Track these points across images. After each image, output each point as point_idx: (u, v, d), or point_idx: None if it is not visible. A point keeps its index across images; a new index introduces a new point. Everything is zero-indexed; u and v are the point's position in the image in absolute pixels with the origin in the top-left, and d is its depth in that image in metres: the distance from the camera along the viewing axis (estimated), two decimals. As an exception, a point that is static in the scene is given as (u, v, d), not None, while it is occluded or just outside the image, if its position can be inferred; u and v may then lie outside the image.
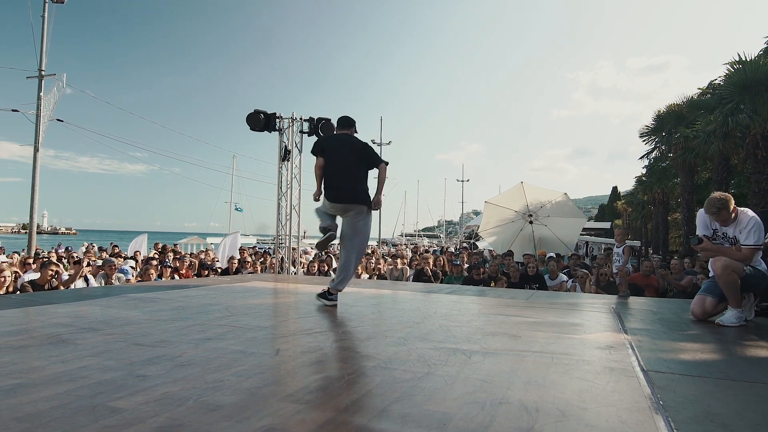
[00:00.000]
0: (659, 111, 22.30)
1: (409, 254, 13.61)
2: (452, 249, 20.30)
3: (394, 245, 37.04)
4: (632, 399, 1.95)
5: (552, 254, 10.03)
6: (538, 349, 2.81)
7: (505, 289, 6.73)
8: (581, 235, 16.73)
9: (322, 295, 4.46)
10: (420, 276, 8.07)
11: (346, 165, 4.38)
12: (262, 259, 10.69)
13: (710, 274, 4.23)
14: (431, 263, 8.52)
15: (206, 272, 8.83)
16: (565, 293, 6.65)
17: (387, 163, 4.44)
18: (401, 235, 55.36)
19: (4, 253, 13.04)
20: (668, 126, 21.61)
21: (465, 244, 32.25)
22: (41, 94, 14.75)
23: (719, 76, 16.67)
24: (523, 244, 12.03)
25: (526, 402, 1.87)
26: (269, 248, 17.90)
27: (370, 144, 4.69)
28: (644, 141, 23.24)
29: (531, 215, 12.41)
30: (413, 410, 1.76)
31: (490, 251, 13.28)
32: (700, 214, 4.14)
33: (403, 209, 54.78)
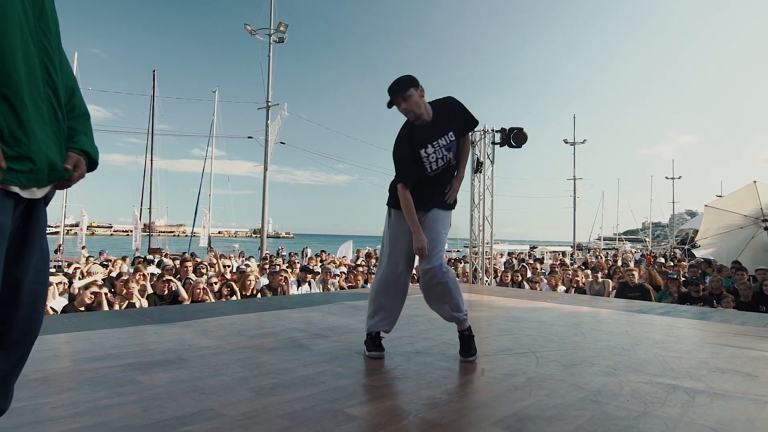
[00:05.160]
0: None
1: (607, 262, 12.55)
2: (662, 259, 18.01)
3: (590, 250, 34.38)
4: None
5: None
6: (785, 396, 2.42)
7: (734, 312, 5.81)
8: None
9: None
10: (624, 291, 7.43)
11: None
12: (454, 267, 11.01)
13: None
14: (637, 276, 7.78)
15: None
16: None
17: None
18: (599, 239, 50.95)
19: (243, 256, 15.69)
20: None
21: (678, 251, 28.40)
22: (269, 122, 17.45)
23: None
24: (756, 256, 10.17)
25: (770, 463, 1.66)
26: (460, 255, 18.26)
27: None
28: None
29: (767, 220, 10.43)
30: (631, 455, 1.71)
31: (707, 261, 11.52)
32: None
33: (600, 211, 50.22)
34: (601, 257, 17.81)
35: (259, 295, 6.87)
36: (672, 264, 11.94)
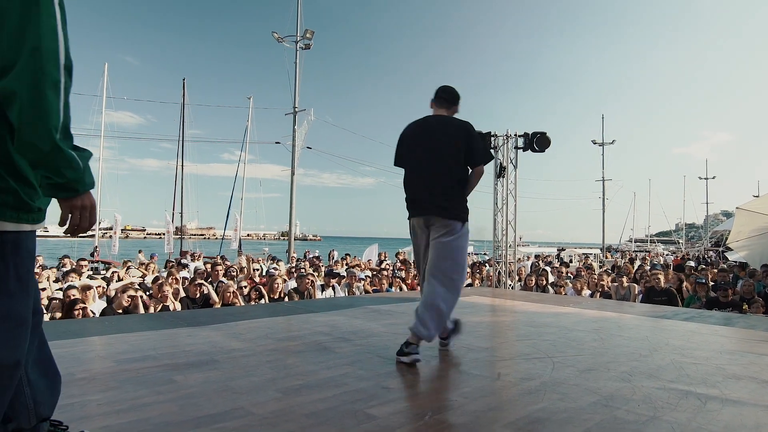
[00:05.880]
0: None
1: (634, 267, 12.38)
2: (692, 262, 17.56)
3: (619, 252, 33.72)
4: None
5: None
6: (798, 404, 2.45)
7: (761, 318, 5.74)
8: None
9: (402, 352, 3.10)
10: (650, 295, 7.38)
11: (431, 160, 3.24)
12: (479, 270, 11.05)
13: None
14: (663, 281, 7.71)
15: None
16: None
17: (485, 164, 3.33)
18: (630, 240, 49.87)
19: (273, 259, 16.03)
20: None
21: (712, 253, 27.66)
22: (295, 127, 17.79)
23: None
24: (791, 259, 9.92)
25: (770, 467, 1.73)
26: (485, 258, 18.26)
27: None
28: None
29: (803, 223, 10.16)
30: (634, 457, 1.80)
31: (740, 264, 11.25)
32: None
33: (631, 212, 49.10)
34: (631, 265, 17.48)
35: (286, 299, 7.09)
36: (702, 268, 11.70)
